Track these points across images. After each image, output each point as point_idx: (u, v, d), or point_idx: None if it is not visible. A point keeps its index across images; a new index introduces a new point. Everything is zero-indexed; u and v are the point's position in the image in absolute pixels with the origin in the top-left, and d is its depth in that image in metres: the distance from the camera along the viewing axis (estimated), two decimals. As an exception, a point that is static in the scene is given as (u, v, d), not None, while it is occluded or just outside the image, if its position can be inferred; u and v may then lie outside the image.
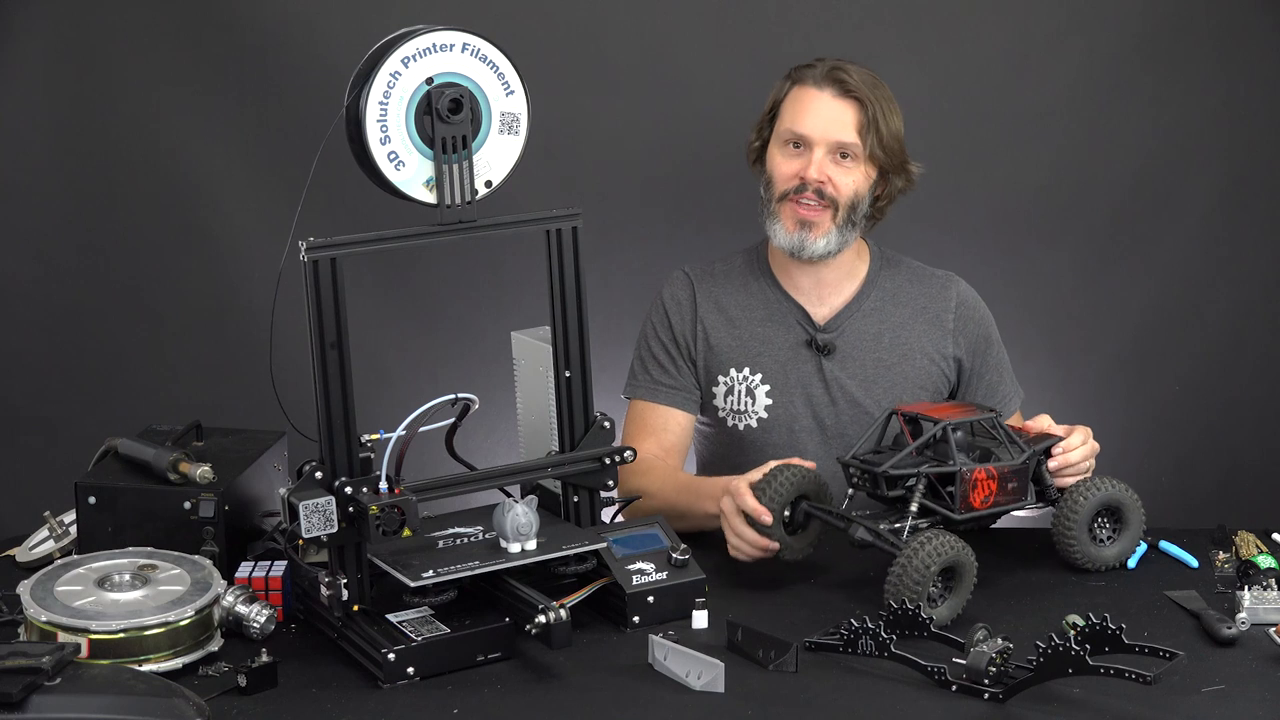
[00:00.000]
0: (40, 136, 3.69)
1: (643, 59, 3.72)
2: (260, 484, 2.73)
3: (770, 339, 2.97)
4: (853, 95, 2.87)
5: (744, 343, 2.96)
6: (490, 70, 2.40)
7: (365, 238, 2.32)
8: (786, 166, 2.90)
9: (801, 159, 2.89)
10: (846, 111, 2.87)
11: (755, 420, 2.96)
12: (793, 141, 2.90)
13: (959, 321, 3.01)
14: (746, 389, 2.95)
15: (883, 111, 2.87)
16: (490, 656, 2.32)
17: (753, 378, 2.95)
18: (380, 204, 2.43)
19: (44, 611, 2.27)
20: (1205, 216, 3.79)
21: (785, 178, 2.90)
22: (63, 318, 3.75)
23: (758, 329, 2.97)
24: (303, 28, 3.63)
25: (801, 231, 2.88)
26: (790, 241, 2.90)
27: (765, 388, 2.95)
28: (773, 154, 2.93)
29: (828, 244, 2.89)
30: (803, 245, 2.89)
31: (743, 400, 2.96)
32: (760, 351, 2.96)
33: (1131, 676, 2.10)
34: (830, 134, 2.87)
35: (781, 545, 2.57)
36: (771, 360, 2.96)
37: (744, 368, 2.96)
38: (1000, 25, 3.73)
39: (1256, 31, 3.71)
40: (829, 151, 2.87)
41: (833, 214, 2.88)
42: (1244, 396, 3.86)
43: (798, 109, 2.90)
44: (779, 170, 2.91)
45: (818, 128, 2.87)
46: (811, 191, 2.87)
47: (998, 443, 2.61)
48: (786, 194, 2.89)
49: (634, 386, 3.01)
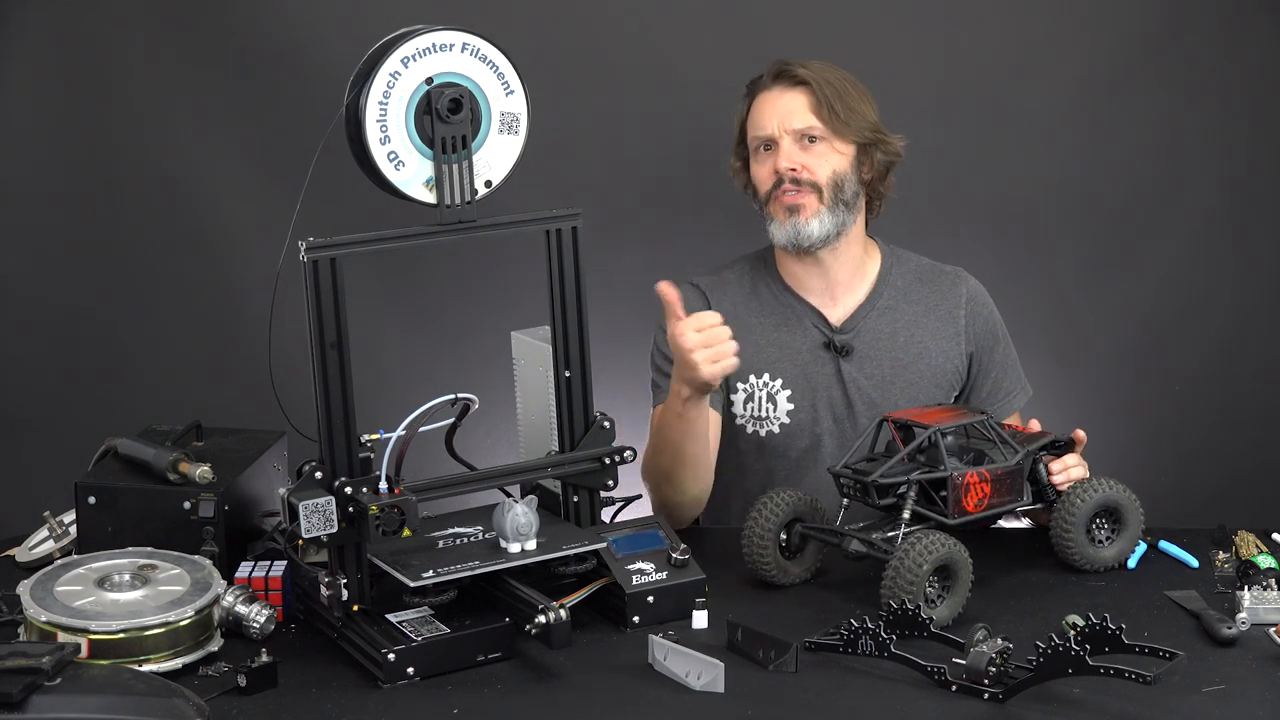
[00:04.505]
0: (40, 136, 3.69)
1: (643, 59, 3.72)
2: (260, 484, 2.73)
3: (787, 344, 2.97)
4: (801, 82, 2.89)
5: (761, 349, 2.95)
6: (490, 70, 2.40)
7: (365, 238, 2.32)
8: (762, 170, 2.94)
9: (773, 157, 2.90)
10: (798, 98, 2.90)
11: (777, 426, 2.95)
12: (761, 146, 2.93)
13: (970, 318, 3.01)
14: (768, 395, 2.95)
15: (835, 89, 2.89)
16: (490, 656, 2.32)
17: (773, 383, 2.95)
18: (380, 204, 2.43)
19: (44, 611, 2.27)
20: (1207, 217, 3.79)
21: (763, 180, 2.94)
22: (63, 318, 3.75)
23: (774, 334, 2.97)
24: (303, 28, 3.63)
25: (793, 218, 2.90)
26: (785, 233, 2.91)
27: (786, 393, 2.94)
28: (751, 167, 2.97)
29: (821, 225, 2.89)
30: (797, 231, 2.90)
31: (764, 406, 2.96)
32: (779, 357, 2.96)
33: (1131, 676, 2.10)
34: (788, 124, 2.90)
35: (781, 571, 2.57)
36: (791, 365, 2.96)
37: (764, 374, 2.95)
38: (1003, 26, 3.73)
39: (1258, 32, 3.71)
40: (794, 141, 2.90)
41: (818, 196, 2.89)
42: (1245, 396, 3.86)
43: (756, 114, 2.95)
44: (758, 177, 2.96)
45: (774, 122, 2.91)
46: (789, 183, 2.88)
47: (991, 444, 2.61)
48: (770, 194, 2.91)
49: (659, 392, 2.97)
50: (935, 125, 3.68)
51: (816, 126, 2.89)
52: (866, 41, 3.68)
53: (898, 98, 3.19)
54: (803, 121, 2.90)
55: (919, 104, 3.67)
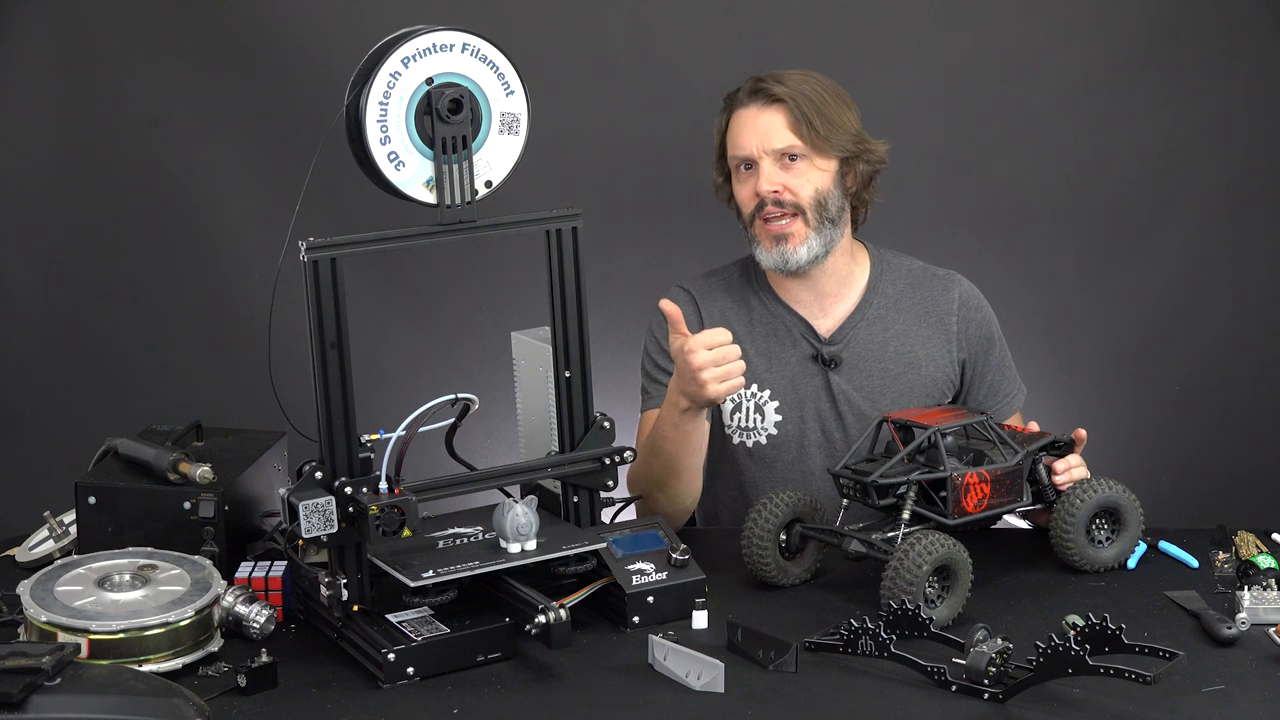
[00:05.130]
0: (40, 137, 3.70)
1: (643, 59, 3.72)
2: (260, 484, 2.73)
3: (776, 355, 2.96)
4: (776, 100, 2.86)
5: (750, 360, 2.93)
6: (490, 70, 2.40)
7: (365, 238, 2.32)
8: (744, 191, 2.91)
9: (753, 177, 2.89)
10: (775, 117, 2.86)
11: (764, 437, 2.95)
12: (741, 164, 2.90)
13: (962, 323, 2.99)
14: (755, 405, 2.94)
15: (814, 106, 2.85)
16: (490, 656, 2.32)
17: (761, 394, 2.94)
18: (380, 204, 2.43)
19: (44, 611, 2.27)
20: (1207, 217, 3.80)
21: (745, 201, 2.91)
22: (63, 318, 3.75)
23: (762, 345, 2.96)
24: (303, 28, 3.64)
25: (779, 246, 2.88)
26: (772, 260, 2.89)
27: (774, 404, 2.94)
28: (734, 185, 2.94)
29: (809, 250, 2.88)
30: (785, 259, 2.88)
31: (751, 417, 2.95)
32: (767, 368, 2.95)
33: (1131, 676, 2.10)
34: (767, 143, 2.86)
35: (781, 572, 2.57)
36: (779, 376, 2.95)
37: (751, 385, 2.94)
38: (1003, 26, 3.74)
39: (1258, 32, 3.71)
40: (774, 161, 2.86)
41: (803, 219, 2.87)
42: (1245, 397, 3.86)
43: (735, 133, 2.91)
44: (740, 197, 2.92)
45: (753, 142, 2.87)
46: (771, 205, 2.86)
47: (991, 445, 2.61)
48: (753, 216, 2.90)
49: (649, 399, 2.97)
50: (935, 125, 3.68)
51: (796, 145, 2.85)
52: (867, 42, 3.69)
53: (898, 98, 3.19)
54: (782, 141, 2.85)
55: (919, 104, 3.68)
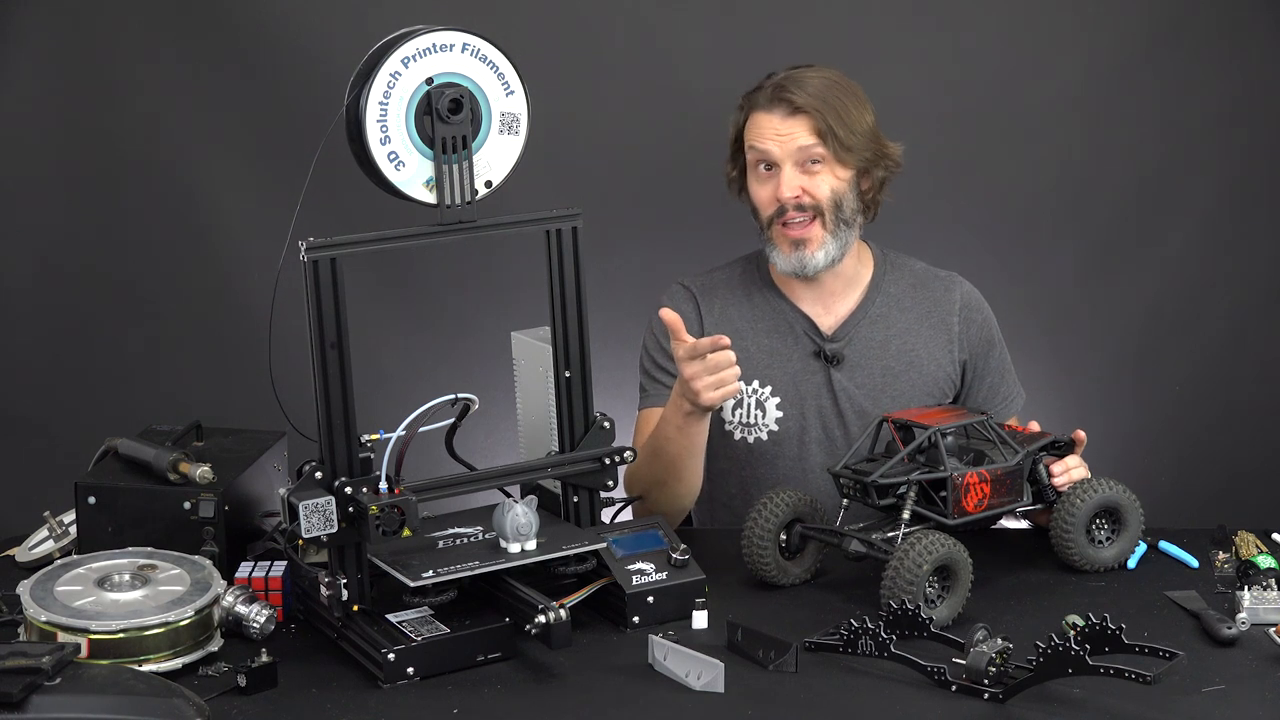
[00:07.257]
0: (40, 137, 3.70)
1: (643, 59, 3.72)
2: (260, 484, 2.73)
3: (778, 351, 2.96)
4: (801, 110, 2.85)
5: (752, 355, 2.94)
6: (490, 70, 2.40)
7: (365, 238, 2.32)
8: (763, 192, 2.90)
9: (774, 180, 2.88)
10: (800, 126, 2.86)
11: (765, 433, 2.95)
12: (762, 164, 2.90)
13: (963, 324, 3.00)
14: (756, 402, 2.94)
15: (838, 115, 2.85)
16: (490, 656, 2.32)
17: (762, 390, 2.94)
18: (380, 204, 2.43)
19: (44, 611, 2.27)
20: (1207, 217, 3.80)
21: (765, 204, 2.91)
22: (63, 318, 3.75)
23: (765, 341, 2.96)
24: (302, 28, 3.64)
25: (798, 251, 2.88)
26: (790, 264, 2.90)
27: (776, 400, 2.94)
28: (750, 182, 2.94)
29: (826, 254, 2.89)
30: (804, 264, 2.89)
31: (752, 413, 2.95)
32: (769, 364, 2.95)
33: (1131, 676, 2.10)
34: (790, 151, 2.86)
35: (781, 572, 2.57)
36: (781, 373, 2.95)
37: (753, 381, 2.94)
38: (1003, 25, 3.74)
39: (1258, 32, 3.71)
40: (796, 164, 2.86)
41: (821, 222, 2.87)
42: (1245, 397, 3.86)
43: (756, 135, 2.89)
44: (758, 197, 2.92)
45: (777, 148, 2.87)
46: (793, 209, 2.87)
47: (991, 445, 2.61)
48: (772, 219, 2.90)
49: (647, 397, 2.97)
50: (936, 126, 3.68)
51: (820, 151, 2.85)
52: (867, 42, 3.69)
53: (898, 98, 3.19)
54: (805, 151, 2.85)
55: (920, 104, 3.68)
